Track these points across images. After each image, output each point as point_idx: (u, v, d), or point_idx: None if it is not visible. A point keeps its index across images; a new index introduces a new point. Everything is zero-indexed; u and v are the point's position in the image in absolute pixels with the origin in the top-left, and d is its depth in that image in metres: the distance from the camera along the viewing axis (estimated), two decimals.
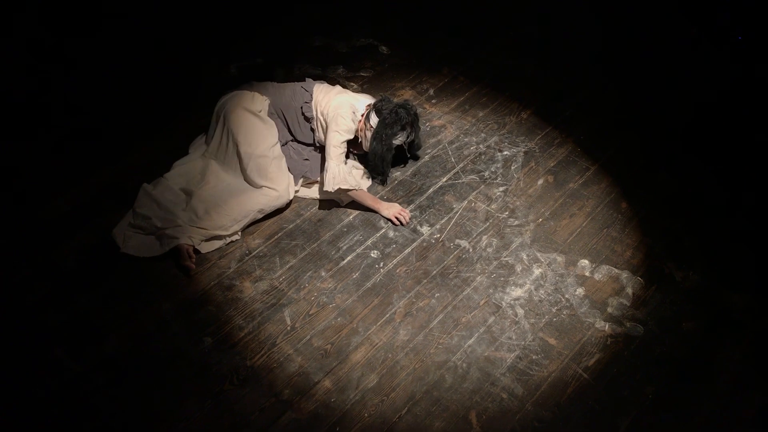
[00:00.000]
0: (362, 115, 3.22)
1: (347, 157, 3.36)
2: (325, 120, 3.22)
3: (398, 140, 3.24)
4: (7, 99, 3.76)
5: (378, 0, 4.60)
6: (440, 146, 3.62)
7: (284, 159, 3.26)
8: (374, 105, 3.21)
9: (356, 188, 3.19)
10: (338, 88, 3.36)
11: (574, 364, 2.76)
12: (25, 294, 2.90)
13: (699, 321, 2.91)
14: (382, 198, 3.35)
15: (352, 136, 3.22)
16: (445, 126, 3.73)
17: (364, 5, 4.55)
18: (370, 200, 3.24)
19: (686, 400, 2.66)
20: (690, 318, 2.92)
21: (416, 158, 3.54)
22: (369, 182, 3.43)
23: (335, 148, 3.16)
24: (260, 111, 3.22)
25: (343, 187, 3.13)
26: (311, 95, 3.26)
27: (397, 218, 3.22)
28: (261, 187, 3.16)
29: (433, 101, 3.88)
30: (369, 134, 3.22)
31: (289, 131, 3.32)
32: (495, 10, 4.56)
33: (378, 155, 3.24)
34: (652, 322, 2.90)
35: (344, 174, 3.15)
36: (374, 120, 3.18)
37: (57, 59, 4.03)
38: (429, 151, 3.59)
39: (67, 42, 4.12)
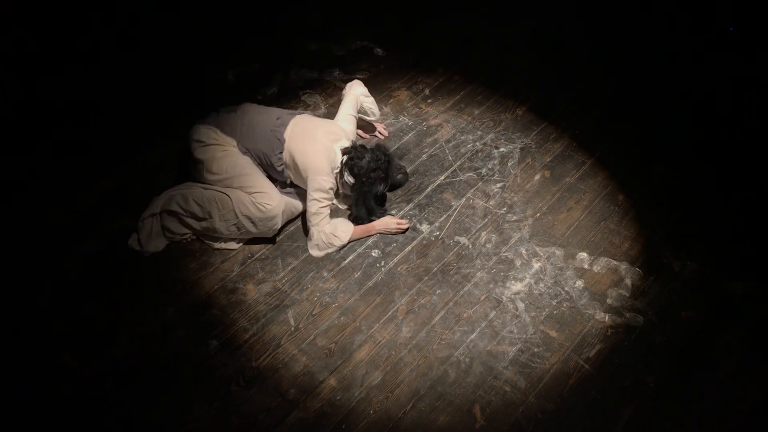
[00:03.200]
0: (338, 171, 3.13)
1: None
2: (300, 173, 3.09)
3: (377, 192, 3.14)
4: (7, 108, 3.80)
5: (372, 2, 4.64)
6: (437, 145, 3.65)
7: (268, 180, 3.16)
8: (346, 163, 3.08)
9: (345, 243, 3.15)
10: (312, 129, 3.12)
11: (575, 356, 2.79)
12: (33, 301, 2.94)
13: (698, 309, 2.94)
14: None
15: (333, 197, 3.14)
16: (442, 125, 3.77)
17: (358, 8, 4.59)
18: (362, 232, 3.20)
19: (687, 388, 2.69)
20: (689, 307, 2.95)
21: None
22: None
23: (315, 216, 3.06)
24: (229, 143, 3.11)
25: (331, 251, 3.14)
26: (282, 145, 3.09)
27: (398, 229, 3.23)
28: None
29: (429, 101, 3.92)
30: (343, 189, 3.18)
31: (261, 168, 3.19)
32: (488, 9, 4.59)
33: (360, 217, 3.19)
34: (651, 311, 2.93)
35: (330, 239, 3.10)
36: (349, 179, 3.10)
37: (55, 68, 4.08)
38: (426, 150, 3.63)
39: (64, 50, 4.16)
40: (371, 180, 3.07)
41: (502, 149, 3.63)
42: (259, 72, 4.09)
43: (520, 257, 3.14)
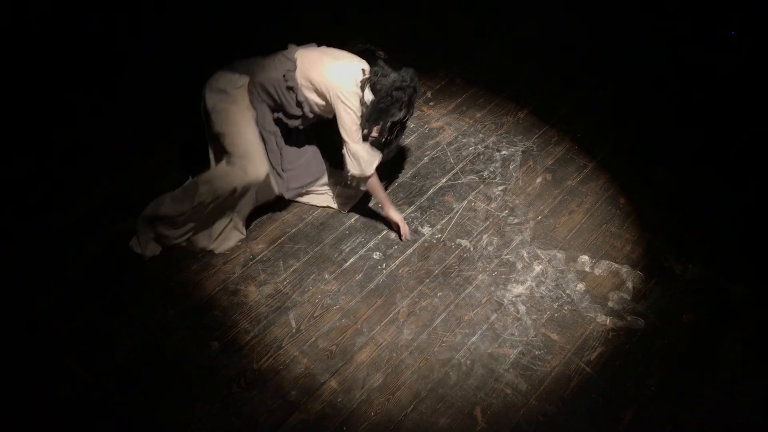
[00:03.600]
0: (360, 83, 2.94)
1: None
2: (320, 93, 2.92)
3: (394, 119, 2.96)
4: (8, 110, 3.81)
5: (374, 5, 4.65)
6: (439, 147, 3.66)
7: (261, 144, 3.04)
8: (370, 78, 2.90)
9: (375, 166, 3.00)
10: (324, 50, 3.02)
11: (576, 359, 2.79)
12: (35, 304, 2.94)
13: (699, 312, 2.94)
14: None
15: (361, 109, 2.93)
16: (444, 128, 3.78)
17: (359, 10, 4.60)
18: (382, 193, 3.12)
19: (688, 390, 2.69)
20: (690, 310, 2.95)
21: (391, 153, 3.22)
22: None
23: (354, 132, 2.89)
24: (238, 88, 2.99)
25: (377, 164, 2.97)
26: (294, 63, 2.92)
27: (400, 229, 3.20)
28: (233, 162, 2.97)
29: (431, 104, 3.93)
30: (362, 105, 2.93)
31: (274, 106, 3.03)
32: (490, 12, 4.60)
33: (368, 135, 3.00)
34: (652, 314, 2.93)
35: (373, 154, 2.95)
36: (368, 96, 2.89)
37: (57, 69, 4.09)
38: (428, 152, 3.64)
39: (65, 51, 4.18)
40: (392, 99, 2.89)
41: (503, 152, 3.64)
42: None
43: (522, 260, 3.15)
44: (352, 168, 2.96)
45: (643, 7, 4.61)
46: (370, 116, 2.91)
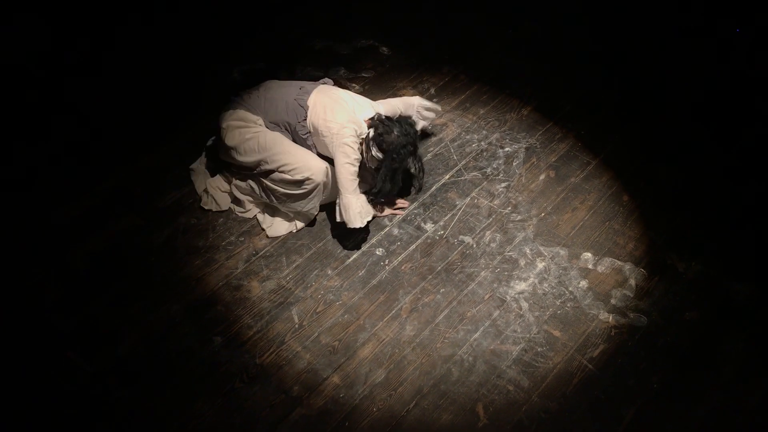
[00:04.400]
0: (363, 139, 3.05)
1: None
2: (325, 140, 3.02)
3: (407, 165, 3.16)
4: (12, 106, 3.81)
5: (378, 1, 4.64)
6: (442, 144, 3.66)
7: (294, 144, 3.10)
8: (374, 138, 2.99)
9: (375, 215, 3.17)
10: (336, 97, 3.08)
11: (579, 356, 2.79)
12: (38, 298, 2.95)
13: (702, 310, 2.94)
14: None
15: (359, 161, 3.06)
16: (447, 124, 3.77)
17: (364, 7, 4.60)
18: (376, 212, 3.26)
19: (691, 389, 2.69)
20: (693, 308, 2.95)
21: (421, 188, 3.38)
22: None
23: (350, 182, 2.96)
24: (256, 121, 3.09)
25: (369, 219, 3.02)
26: (305, 112, 3.04)
27: (396, 210, 3.32)
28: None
29: (435, 100, 3.92)
30: (371, 161, 3.06)
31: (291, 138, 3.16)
32: (493, 9, 4.59)
33: (386, 192, 3.15)
34: (655, 312, 2.93)
35: (368, 206, 3.03)
36: (377, 155, 3.00)
37: (60, 66, 4.09)
38: (431, 149, 3.63)
39: (69, 49, 4.17)
40: (401, 156, 3.01)
41: (507, 149, 3.63)
42: (265, 71, 4.09)
43: (525, 257, 3.14)
44: (339, 217, 3.03)
45: (646, 5, 4.59)
46: (386, 176, 3.07)
